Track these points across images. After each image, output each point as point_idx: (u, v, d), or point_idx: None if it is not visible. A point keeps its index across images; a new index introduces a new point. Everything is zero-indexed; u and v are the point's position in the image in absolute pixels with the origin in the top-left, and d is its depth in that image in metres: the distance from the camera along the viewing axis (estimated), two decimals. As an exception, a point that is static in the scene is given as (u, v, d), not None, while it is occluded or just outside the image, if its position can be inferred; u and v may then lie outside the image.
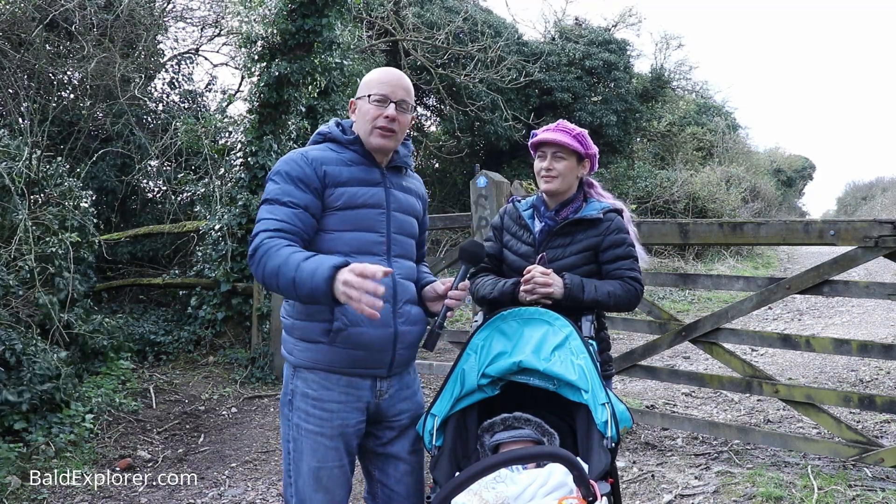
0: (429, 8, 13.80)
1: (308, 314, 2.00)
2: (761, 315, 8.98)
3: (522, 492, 1.86)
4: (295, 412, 2.03)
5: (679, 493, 3.50)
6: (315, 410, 2.00)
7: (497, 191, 4.77)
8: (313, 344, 1.99)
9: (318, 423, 1.99)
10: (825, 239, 3.54)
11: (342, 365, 1.99)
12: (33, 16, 7.42)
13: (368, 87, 2.08)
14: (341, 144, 2.09)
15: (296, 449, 2.02)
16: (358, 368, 2.01)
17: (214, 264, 6.71)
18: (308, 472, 2.00)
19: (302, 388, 2.02)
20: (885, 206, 25.15)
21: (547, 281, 2.21)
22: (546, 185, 2.36)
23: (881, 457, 3.47)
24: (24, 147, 5.24)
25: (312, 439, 2.00)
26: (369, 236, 2.03)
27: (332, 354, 1.98)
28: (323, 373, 2.00)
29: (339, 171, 2.02)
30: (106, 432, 4.66)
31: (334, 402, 2.00)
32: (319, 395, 2.00)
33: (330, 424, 2.00)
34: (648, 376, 4.42)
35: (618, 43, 16.45)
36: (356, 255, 1.97)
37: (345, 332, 1.95)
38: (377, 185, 2.07)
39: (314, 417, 2.00)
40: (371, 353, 2.00)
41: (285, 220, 1.93)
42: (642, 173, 15.82)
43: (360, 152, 2.08)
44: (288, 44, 6.47)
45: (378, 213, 2.05)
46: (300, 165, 1.99)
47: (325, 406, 1.99)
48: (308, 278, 1.75)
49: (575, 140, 2.35)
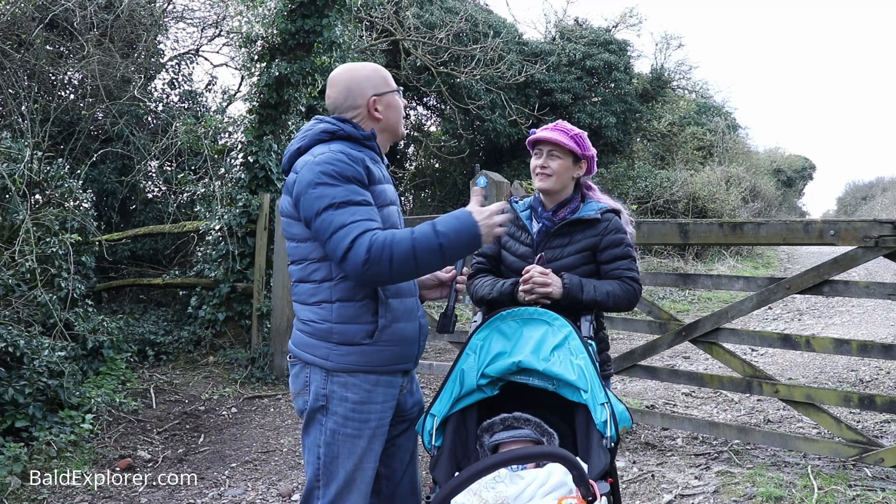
0: (429, 8, 13.81)
1: (350, 317, 1.96)
2: (761, 315, 8.98)
3: (522, 491, 1.86)
4: (330, 417, 1.98)
5: (679, 493, 3.50)
6: (355, 414, 1.98)
7: (497, 191, 4.77)
8: (356, 346, 1.96)
9: (357, 427, 1.99)
10: (825, 239, 3.53)
11: (383, 363, 2.00)
12: (33, 16, 7.42)
13: (387, 82, 2.10)
14: (358, 142, 2.03)
15: (329, 454, 1.99)
16: (396, 365, 2.04)
17: (214, 264, 6.71)
18: (344, 476, 1.98)
19: (340, 392, 1.97)
20: (885, 206, 25.13)
21: (546, 281, 2.21)
22: (540, 183, 2.37)
23: (881, 457, 3.47)
24: (26, 148, 5.24)
25: (351, 443, 1.99)
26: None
27: (374, 355, 1.98)
28: (363, 374, 1.98)
29: (375, 169, 2.01)
30: (106, 432, 4.66)
31: (375, 404, 2.01)
32: (361, 398, 1.98)
33: (370, 426, 2.00)
34: (648, 376, 4.42)
35: (618, 43, 16.45)
36: None
37: (389, 328, 1.98)
38: (389, 182, 2.12)
39: (353, 421, 1.98)
40: (407, 347, 2.05)
41: (373, 217, 1.89)
42: (642, 173, 15.82)
43: (376, 149, 2.07)
44: (288, 44, 6.47)
45: (396, 210, 2.12)
46: (350, 164, 1.91)
47: (366, 408, 1.99)
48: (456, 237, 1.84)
49: (572, 140, 2.35)
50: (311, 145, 2.01)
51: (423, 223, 1.89)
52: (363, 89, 2.06)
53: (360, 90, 2.06)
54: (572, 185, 2.41)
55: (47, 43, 7.97)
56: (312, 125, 2.07)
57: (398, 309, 2.01)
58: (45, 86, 8.13)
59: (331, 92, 2.09)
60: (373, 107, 2.06)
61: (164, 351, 6.52)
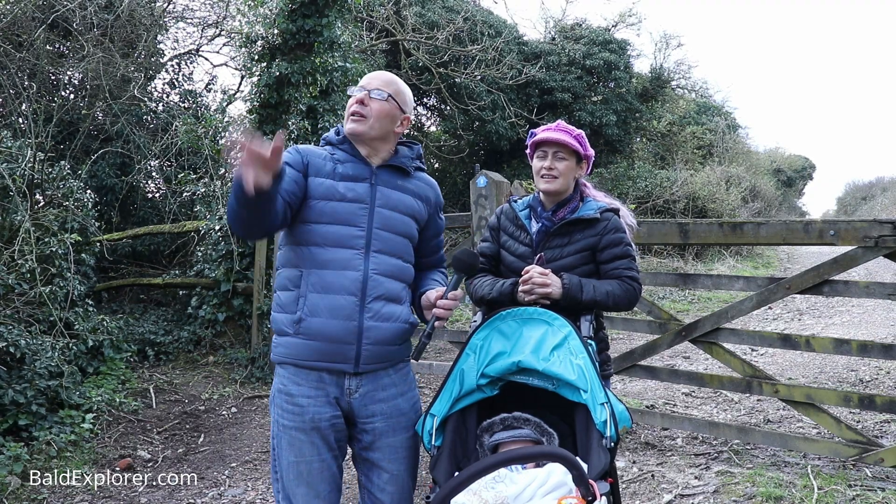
0: (429, 8, 13.81)
1: (282, 306, 2.06)
2: (761, 315, 8.98)
3: (522, 491, 1.86)
4: (275, 408, 2.08)
5: (679, 493, 3.50)
6: (288, 405, 2.04)
7: (497, 191, 4.77)
8: (283, 337, 2.05)
9: (292, 418, 2.03)
10: (825, 239, 3.53)
11: (308, 357, 2.01)
12: (34, 16, 7.42)
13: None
14: (333, 144, 2.18)
15: (278, 445, 2.06)
16: (323, 361, 2.01)
17: (214, 264, 6.71)
18: (289, 467, 2.03)
19: (278, 383, 2.08)
20: (885, 206, 25.12)
21: (545, 281, 2.21)
22: (546, 185, 2.35)
23: (881, 457, 3.47)
24: (27, 148, 5.24)
25: (289, 434, 2.03)
26: (348, 230, 2.05)
27: (298, 347, 2.01)
28: (293, 367, 2.04)
29: (322, 163, 2.10)
30: (106, 432, 4.66)
31: (304, 397, 2.02)
32: (290, 390, 2.04)
33: (302, 419, 2.02)
34: (648, 376, 4.42)
35: (618, 43, 16.45)
36: (332, 248, 2.03)
37: (305, 321, 1.99)
38: (363, 181, 2.10)
39: (288, 413, 2.04)
40: (333, 344, 2.00)
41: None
42: (642, 173, 15.82)
43: (350, 150, 2.14)
44: (288, 44, 6.48)
45: (359, 208, 2.07)
46: (289, 152, 2.09)
47: (296, 401, 2.03)
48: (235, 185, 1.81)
49: (575, 140, 2.36)
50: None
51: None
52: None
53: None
54: (573, 185, 2.42)
55: (48, 43, 7.97)
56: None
57: (318, 304, 1.99)
58: (45, 86, 8.14)
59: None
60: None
61: (164, 351, 6.51)
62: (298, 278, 2.03)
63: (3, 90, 7.16)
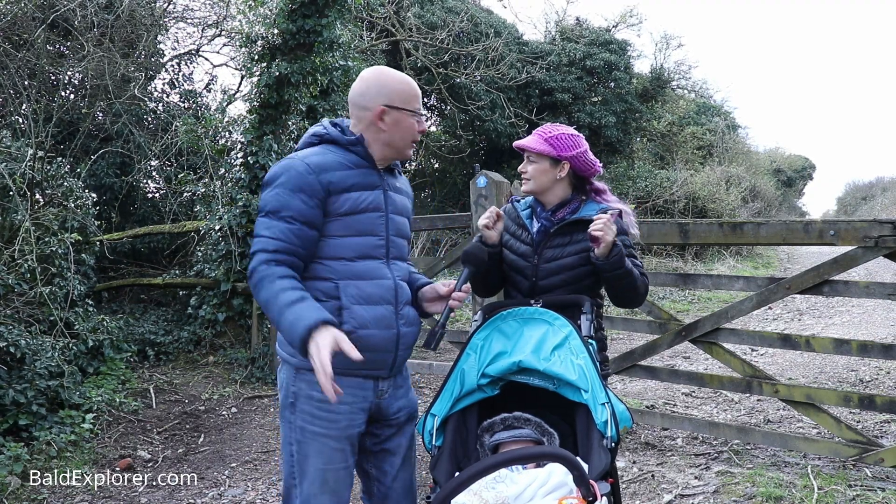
0: (429, 8, 13.81)
1: None
2: (761, 315, 8.98)
3: (522, 492, 1.86)
4: (298, 415, 2.01)
5: (679, 493, 3.50)
6: (321, 413, 1.98)
7: (497, 191, 4.77)
8: None
9: (325, 426, 1.99)
10: (825, 239, 3.53)
11: (353, 367, 1.93)
12: (34, 16, 7.42)
13: (406, 101, 2.04)
14: (341, 146, 2.04)
15: (300, 451, 2.01)
16: (364, 370, 2.00)
17: (215, 264, 6.71)
18: (315, 474, 1.99)
19: (306, 390, 1.99)
20: (885, 206, 25.12)
21: (612, 228, 2.18)
22: (522, 187, 2.44)
23: (881, 457, 3.47)
24: (27, 148, 5.24)
25: (319, 441, 1.99)
26: (370, 240, 2.03)
27: (339, 357, 1.92)
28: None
29: (341, 176, 1.98)
30: (106, 432, 4.66)
31: (341, 405, 1.97)
32: (325, 398, 1.95)
33: (337, 426, 1.99)
34: (648, 376, 4.42)
35: (618, 43, 16.45)
36: (358, 260, 2.00)
37: (354, 334, 1.93)
38: (376, 189, 2.06)
39: (320, 420, 1.99)
40: (376, 354, 2.01)
41: (283, 238, 1.91)
42: (642, 173, 15.82)
43: (362, 154, 2.04)
44: (288, 44, 6.47)
45: (378, 217, 2.04)
46: (301, 173, 1.93)
47: (331, 408, 1.97)
48: (288, 328, 1.83)
49: (546, 144, 2.34)
50: (301, 148, 2.08)
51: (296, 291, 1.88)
52: (379, 95, 2.03)
53: (378, 94, 2.03)
54: (563, 186, 2.39)
55: (48, 43, 7.97)
56: (311, 129, 2.12)
57: (364, 316, 1.98)
58: (45, 86, 8.13)
59: (355, 84, 2.09)
60: (380, 115, 2.03)
61: (164, 351, 6.51)
62: (335, 290, 1.97)
63: (3, 90, 7.17)
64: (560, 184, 2.38)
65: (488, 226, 2.33)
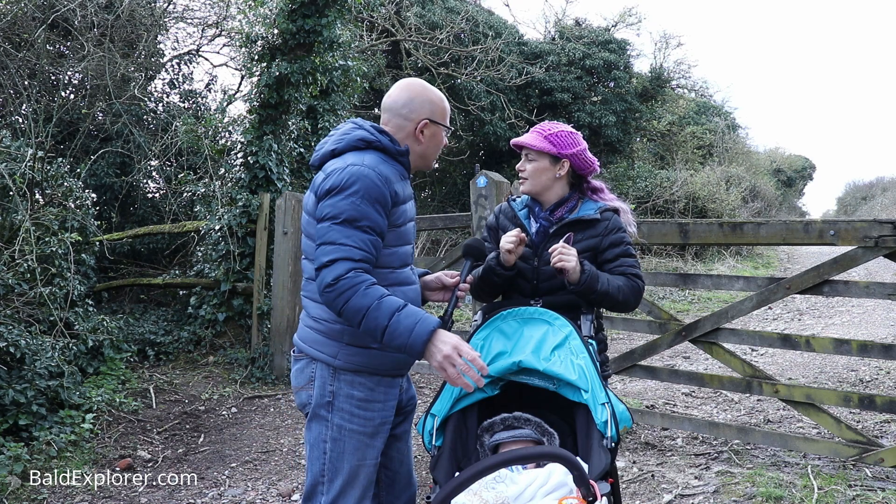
0: (430, 8, 13.81)
1: None
2: (761, 315, 8.99)
3: (522, 492, 1.86)
4: (336, 413, 2.04)
5: (679, 493, 3.50)
6: (361, 411, 2.04)
7: (497, 191, 4.78)
8: (365, 349, 2.02)
9: (363, 423, 2.05)
10: (825, 239, 3.54)
11: (387, 367, 2.06)
12: (34, 16, 7.42)
13: (444, 117, 2.14)
14: (392, 156, 2.06)
15: (335, 449, 2.04)
16: (398, 370, 2.10)
17: (215, 264, 6.71)
18: (349, 471, 2.04)
19: (346, 389, 2.03)
20: (885, 206, 25.13)
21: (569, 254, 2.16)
22: (521, 187, 2.42)
23: (881, 457, 3.48)
24: (27, 148, 5.24)
25: (357, 439, 2.04)
26: (408, 249, 2.15)
27: (381, 358, 2.03)
28: (368, 375, 2.05)
29: (400, 188, 2.03)
30: (106, 432, 4.66)
31: (378, 402, 2.07)
32: (366, 397, 2.04)
33: (373, 423, 2.06)
34: (648, 376, 4.42)
35: (618, 43, 16.46)
36: (400, 269, 2.08)
37: None
38: (412, 199, 2.17)
39: (359, 418, 2.04)
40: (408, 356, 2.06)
41: (365, 248, 1.91)
42: (642, 173, 15.83)
43: (407, 165, 2.10)
44: (288, 44, 6.47)
45: (413, 227, 2.18)
46: (377, 184, 1.92)
47: (371, 406, 2.05)
48: (404, 333, 1.83)
49: (546, 141, 2.32)
50: (345, 150, 2.03)
51: (397, 298, 1.89)
52: (424, 108, 2.09)
53: (421, 107, 2.08)
54: (562, 185, 2.37)
55: (48, 43, 7.97)
56: (350, 129, 2.07)
57: None
58: (45, 85, 8.13)
59: (396, 93, 2.11)
60: (421, 128, 2.09)
61: (164, 351, 6.51)
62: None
63: (3, 90, 7.17)
64: (559, 182, 2.36)
65: (511, 250, 2.24)
